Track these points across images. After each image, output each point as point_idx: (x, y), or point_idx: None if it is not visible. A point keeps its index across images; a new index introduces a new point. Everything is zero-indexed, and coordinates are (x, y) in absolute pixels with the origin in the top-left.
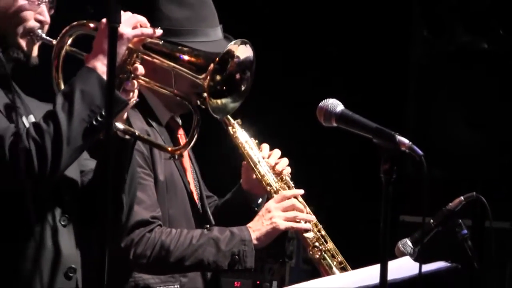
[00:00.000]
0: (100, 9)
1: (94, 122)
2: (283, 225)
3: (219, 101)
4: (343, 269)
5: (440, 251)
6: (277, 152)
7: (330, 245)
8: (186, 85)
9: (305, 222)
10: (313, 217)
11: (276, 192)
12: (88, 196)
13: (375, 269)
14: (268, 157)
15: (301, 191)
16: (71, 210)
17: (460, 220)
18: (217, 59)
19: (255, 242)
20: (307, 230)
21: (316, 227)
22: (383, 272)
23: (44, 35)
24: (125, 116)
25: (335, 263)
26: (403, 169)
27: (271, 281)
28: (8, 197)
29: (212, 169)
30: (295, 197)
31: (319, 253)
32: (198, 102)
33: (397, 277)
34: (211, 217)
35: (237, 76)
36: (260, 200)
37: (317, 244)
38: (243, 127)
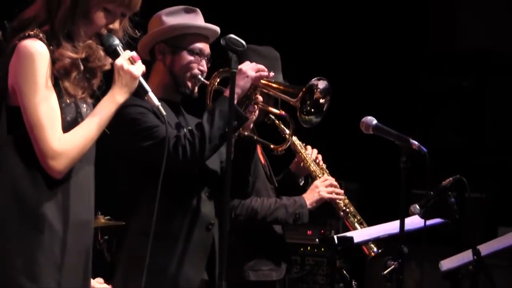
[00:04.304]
0: (225, 59)
1: (227, 130)
2: (326, 196)
3: (307, 117)
4: (361, 224)
5: (437, 212)
6: (315, 150)
7: (352, 209)
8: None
9: (337, 194)
10: (342, 191)
11: (317, 174)
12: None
13: (396, 223)
14: (311, 154)
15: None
16: (213, 186)
17: (450, 193)
18: (304, 89)
19: (309, 206)
20: (339, 199)
21: (344, 198)
22: (402, 224)
23: (203, 79)
24: (251, 126)
25: (356, 220)
26: (414, 160)
27: (330, 230)
28: (173, 178)
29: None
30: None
31: (346, 214)
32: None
33: (410, 228)
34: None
35: (320, 100)
36: (301, 178)
37: (344, 208)
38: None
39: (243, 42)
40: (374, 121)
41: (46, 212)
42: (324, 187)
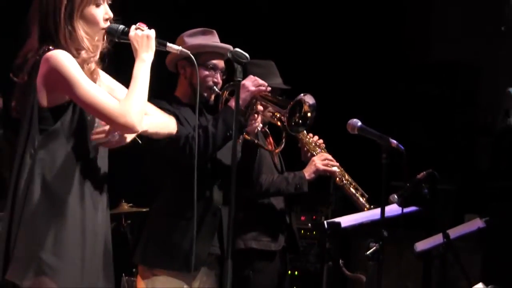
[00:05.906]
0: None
1: (227, 134)
2: (321, 167)
3: (294, 127)
4: (356, 189)
5: (413, 201)
6: (316, 136)
7: (349, 178)
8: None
9: (333, 166)
10: (337, 164)
11: (318, 154)
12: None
13: (377, 210)
14: (312, 138)
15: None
16: (223, 178)
17: (424, 184)
18: (291, 102)
19: (307, 177)
20: (335, 171)
21: (339, 169)
22: (382, 212)
23: (217, 90)
24: (255, 131)
25: (351, 186)
26: (393, 156)
27: (321, 216)
28: (187, 171)
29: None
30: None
31: (342, 182)
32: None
33: (389, 215)
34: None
35: (308, 114)
36: None
37: (340, 176)
38: None
39: (247, 55)
40: (359, 123)
41: (69, 199)
42: (320, 160)
